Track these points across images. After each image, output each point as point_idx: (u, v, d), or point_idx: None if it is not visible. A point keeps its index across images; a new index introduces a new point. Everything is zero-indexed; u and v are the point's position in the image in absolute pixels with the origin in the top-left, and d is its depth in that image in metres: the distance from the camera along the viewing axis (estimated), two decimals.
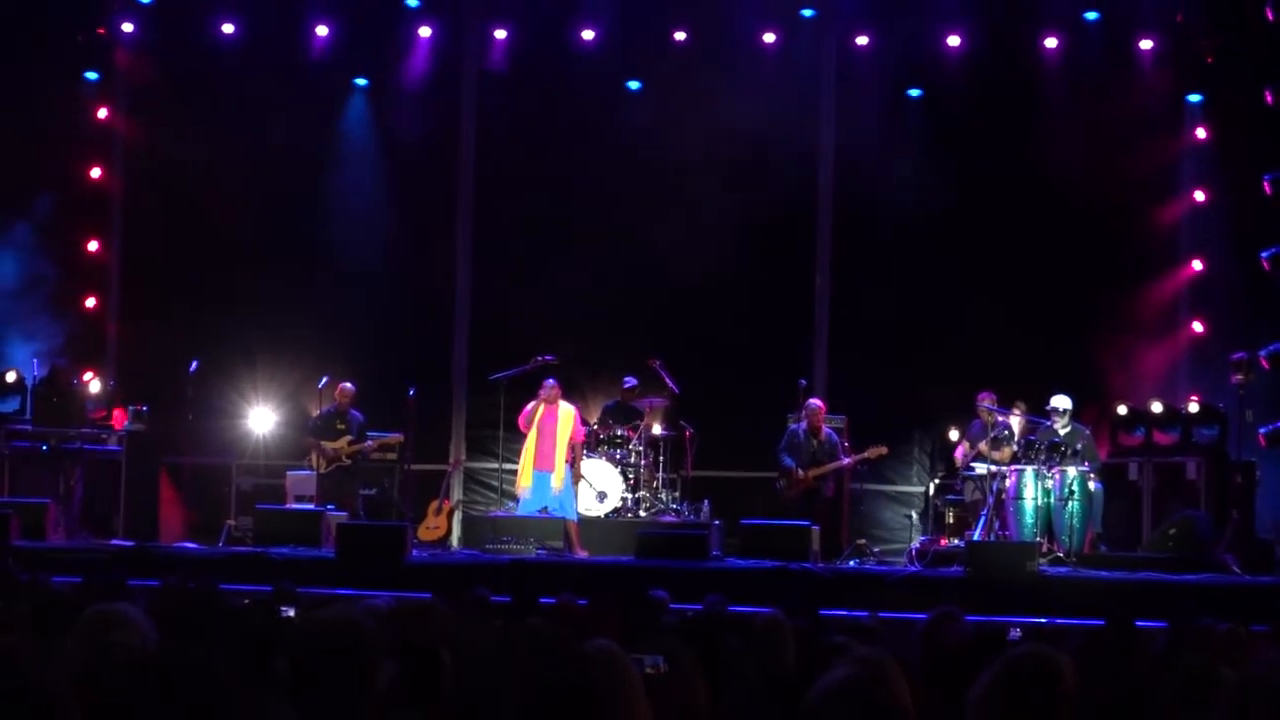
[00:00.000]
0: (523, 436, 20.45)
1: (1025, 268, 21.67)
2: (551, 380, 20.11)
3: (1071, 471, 18.33)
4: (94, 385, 21.44)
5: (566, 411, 20.08)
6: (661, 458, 21.29)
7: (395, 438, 20.66)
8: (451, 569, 17.78)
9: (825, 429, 20.05)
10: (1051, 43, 22.10)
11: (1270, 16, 20.37)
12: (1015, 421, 19.66)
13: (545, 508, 19.62)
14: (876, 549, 20.38)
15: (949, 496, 20.29)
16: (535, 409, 20.00)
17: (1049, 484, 18.46)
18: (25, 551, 17.04)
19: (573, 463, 20.06)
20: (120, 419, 21.04)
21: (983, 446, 19.55)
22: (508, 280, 23.08)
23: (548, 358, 20.86)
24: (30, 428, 20.52)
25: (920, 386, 21.71)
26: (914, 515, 21.39)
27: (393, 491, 21.40)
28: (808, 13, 22.85)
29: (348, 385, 20.64)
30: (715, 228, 21.87)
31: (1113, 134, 21.64)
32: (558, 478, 19.82)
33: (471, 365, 23.19)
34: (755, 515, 19.05)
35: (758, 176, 22.15)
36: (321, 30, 23.30)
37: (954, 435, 20.87)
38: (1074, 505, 18.23)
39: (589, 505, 20.51)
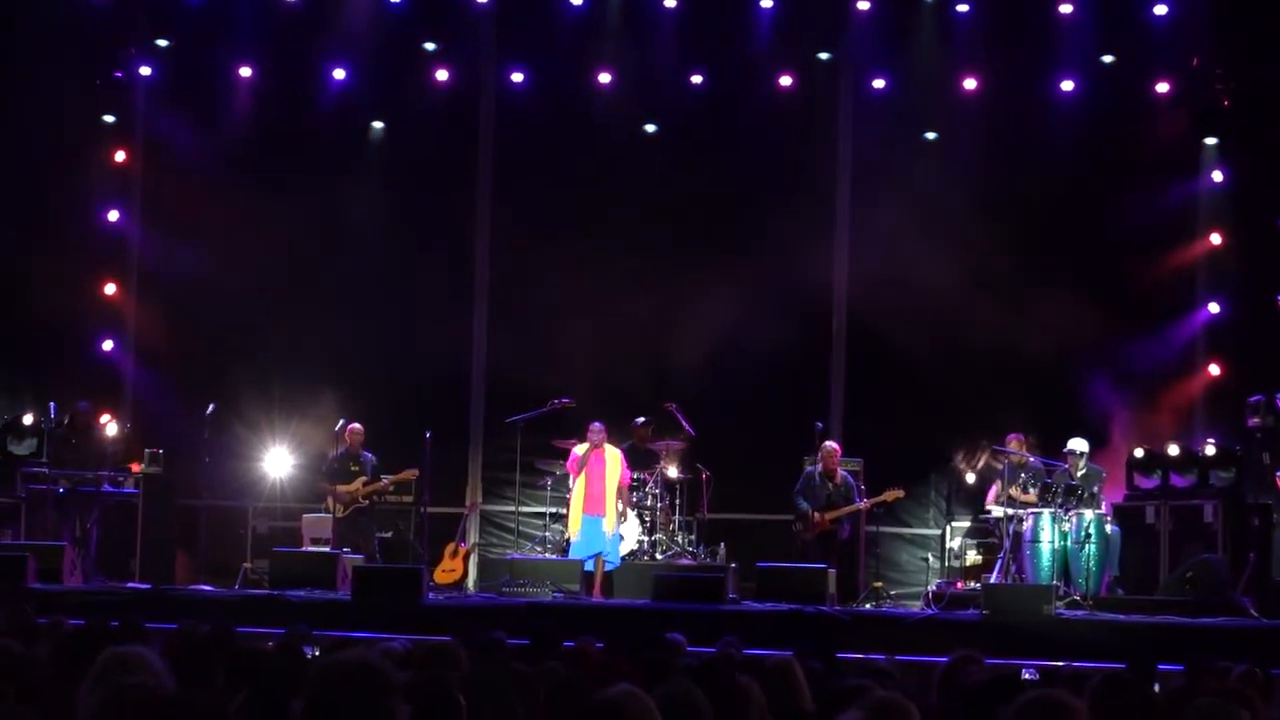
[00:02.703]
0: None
1: (1042, 309, 21.60)
2: (599, 424, 19.97)
3: (1088, 514, 18.31)
4: (111, 428, 21.44)
5: (614, 455, 19.96)
6: (678, 500, 21.23)
7: (411, 473, 20.58)
8: (468, 612, 17.77)
9: (841, 471, 20.01)
10: (1068, 86, 22.11)
11: None
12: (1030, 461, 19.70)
13: (600, 553, 19.60)
14: (893, 591, 20.34)
15: (977, 539, 20.28)
16: (585, 453, 19.92)
17: (1066, 527, 18.44)
18: (42, 594, 17.00)
19: (622, 508, 20.03)
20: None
21: (1013, 490, 19.45)
22: (525, 323, 23.05)
23: (564, 401, 20.86)
24: (47, 470, 20.49)
25: (937, 429, 21.71)
26: (930, 558, 21.36)
27: (409, 534, 21.39)
28: (824, 56, 22.93)
29: (357, 426, 20.65)
30: (732, 270, 21.88)
31: (1129, 177, 21.66)
32: (609, 521, 19.75)
33: (488, 408, 23.18)
34: (771, 558, 19.02)
35: (775, 218, 22.15)
36: (339, 73, 23.34)
37: (970, 479, 20.85)
38: (1091, 548, 18.21)
39: None
